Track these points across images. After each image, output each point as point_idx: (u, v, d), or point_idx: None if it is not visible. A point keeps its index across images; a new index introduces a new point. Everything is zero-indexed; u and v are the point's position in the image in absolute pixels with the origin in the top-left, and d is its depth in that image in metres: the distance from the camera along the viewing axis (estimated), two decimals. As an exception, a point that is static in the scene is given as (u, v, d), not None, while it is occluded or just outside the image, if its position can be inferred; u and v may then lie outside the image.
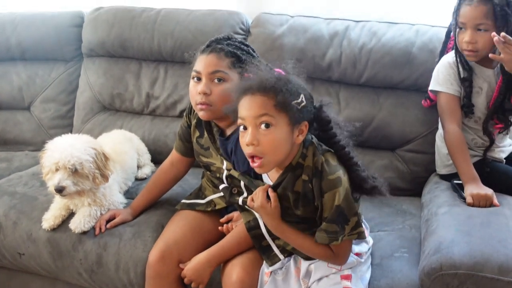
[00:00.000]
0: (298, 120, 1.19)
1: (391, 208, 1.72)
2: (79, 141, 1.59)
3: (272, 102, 1.16)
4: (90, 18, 2.23)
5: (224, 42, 1.46)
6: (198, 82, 1.44)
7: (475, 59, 1.55)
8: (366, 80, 1.86)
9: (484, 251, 1.20)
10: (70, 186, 1.52)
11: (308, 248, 1.27)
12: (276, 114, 1.16)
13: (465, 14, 1.50)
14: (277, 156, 1.19)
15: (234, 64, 1.42)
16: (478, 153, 1.63)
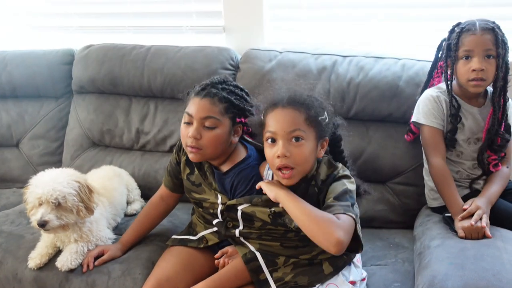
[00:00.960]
0: (322, 136, 1.31)
1: (384, 241, 1.71)
2: (62, 175, 1.59)
3: (303, 116, 1.25)
4: (81, 55, 2.24)
5: (219, 86, 1.46)
6: (190, 125, 1.44)
7: (482, 89, 1.57)
8: (355, 113, 1.87)
9: (479, 285, 1.19)
10: (53, 220, 1.50)
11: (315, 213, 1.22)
12: (307, 128, 1.25)
13: (472, 42, 1.51)
14: (306, 167, 1.29)
15: (227, 109, 1.43)
16: (464, 184, 1.63)
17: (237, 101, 1.45)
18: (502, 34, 1.51)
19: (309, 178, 1.32)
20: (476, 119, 1.60)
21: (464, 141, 1.62)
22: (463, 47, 1.53)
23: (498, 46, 1.49)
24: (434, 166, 1.59)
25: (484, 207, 1.47)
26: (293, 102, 1.25)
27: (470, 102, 1.61)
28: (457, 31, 1.55)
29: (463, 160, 1.63)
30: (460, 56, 1.55)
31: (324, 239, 1.18)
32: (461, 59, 1.55)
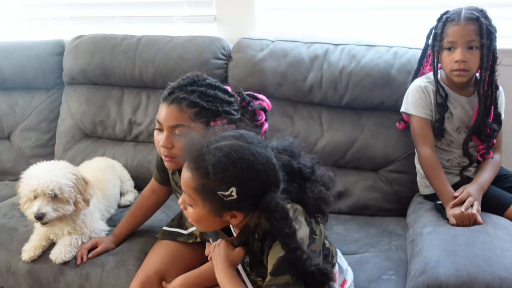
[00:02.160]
0: (226, 209, 1.07)
1: (377, 228, 1.72)
2: (57, 166, 1.58)
3: (193, 183, 1.06)
4: (71, 46, 2.22)
5: (188, 88, 1.33)
6: (161, 132, 1.36)
7: (466, 79, 1.56)
8: (347, 102, 1.87)
9: (470, 271, 1.20)
10: (51, 212, 1.50)
11: None
12: (195, 196, 1.07)
13: (455, 33, 1.51)
14: (204, 226, 1.15)
15: (197, 115, 1.31)
16: (455, 172, 1.64)
17: (209, 104, 1.32)
18: (487, 23, 1.49)
19: (252, 229, 1.12)
20: (465, 108, 1.60)
21: (454, 130, 1.62)
22: (446, 37, 1.53)
23: (482, 36, 1.48)
24: (422, 156, 1.60)
25: (476, 194, 1.48)
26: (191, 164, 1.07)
27: (458, 91, 1.61)
28: (442, 21, 1.55)
29: (453, 148, 1.63)
30: (444, 46, 1.55)
31: None
32: (445, 49, 1.55)
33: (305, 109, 1.93)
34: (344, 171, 1.87)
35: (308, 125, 1.90)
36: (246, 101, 1.43)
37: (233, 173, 1.02)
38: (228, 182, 1.02)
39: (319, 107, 1.93)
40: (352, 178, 1.86)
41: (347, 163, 1.87)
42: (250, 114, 1.43)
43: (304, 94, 1.91)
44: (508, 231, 1.39)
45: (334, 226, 1.74)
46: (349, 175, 1.86)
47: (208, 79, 1.39)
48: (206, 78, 1.39)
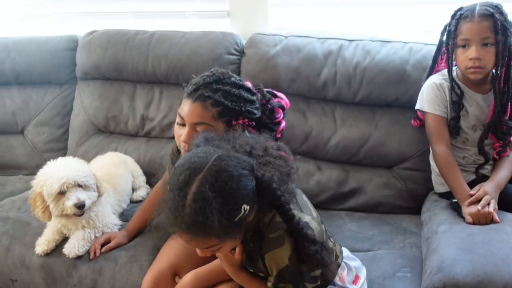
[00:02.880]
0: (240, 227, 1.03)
1: (391, 226, 1.70)
2: (71, 160, 1.62)
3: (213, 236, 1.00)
4: (84, 41, 2.23)
5: (213, 86, 1.33)
6: (182, 127, 1.36)
7: (481, 76, 1.53)
8: (361, 98, 1.85)
9: (488, 270, 1.18)
10: (87, 199, 1.52)
11: None
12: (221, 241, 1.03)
13: (469, 31, 1.49)
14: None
15: (221, 114, 1.32)
16: (471, 170, 1.62)
17: (233, 104, 1.32)
18: (503, 19, 1.46)
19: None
20: (481, 106, 1.58)
21: (469, 128, 1.60)
22: (460, 35, 1.51)
23: (497, 32, 1.45)
24: (438, 154, 1.58)
25: (492, 192, 1.46)
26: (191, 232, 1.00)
27: (474, 88, 1.58)
28: (456, 18, 1.53)
29: (468, 146, 1.61)
30: (458, 44, 1.52)
31: None
32: (459, 47, 1.52)
33: (318, 105, 1.91)
34: (357, 168, 1.86)
35: (321, 121, 1.89)
36: (266, 99, 1.43)
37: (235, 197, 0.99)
38: (236, 207, 0.99)
39: (332, 103, 1.91)
40: (366, 176, 1.84)
41: (360, 160, 1.85)
42: (269, 111, 1.42)
43: (318, 90, 1.89)
44: (525, 230, 1.37)
45: (348, 223, 1.73)
46: (363, 172, 1.85)
47: (233, 77, 1.38)
48: (231, 76, 1.38)
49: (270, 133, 1.39)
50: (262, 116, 1.40)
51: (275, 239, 1.08)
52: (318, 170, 1.88)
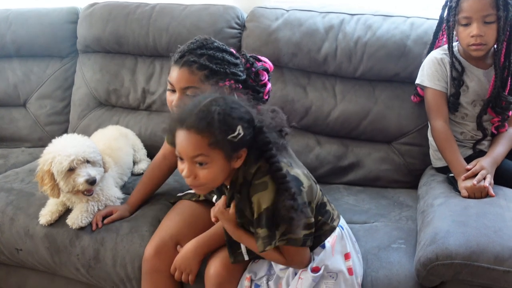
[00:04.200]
0: (235, 150, 1.16)
1: (388, 200, 1.73)
2: (76, 137, 1.62)
3: (206, 141, 1.13)
4: (85, 14, 2.22)
5: (198, 51, 1.40)
6: (173, 92, 1.43)
7: (483, 52, 1.54)
8: (362, 73, 1.86)
9: (480, 241, 1.21)
10: (97, 175, 1.54)
11: (263, 255, 1.25)
12: (211, 152, 1.14)
13: (470, 8, 1.48)
14: (215, 183, 1.22)
15: (207, 77, 1.38)
16: (468, 145, 1.64)
17: (218, 66, 1.38)
18: None
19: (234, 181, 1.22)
20: (481, 81, 1.58)
21: (469, 104, 1.61)
22: (461, 13, 1.50)
23: (499, 8, 1.45)
24: (436, 129, 1.59)
25: (489, 167, 1.48)
26: (195, 126, 1.13)
27: (476, 64, 1.59)
28: None
29: (467, 121, 1.63)
30: (459, 21, 1.52)
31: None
32: (460, 25, 1.52)
33: (319, 80, 1.92)
34: (356, 142, 1.88)
35: (321, 96, 1.89)
36: (250, 63, 1.49)
37: (234, 115, 1.14)
38: (233, 124, 1.13)
39: (333, 78, 1.92)
40: (365, 150, 1.86)
41: (360, 135, 1.87)
42: (254, 74, 1.49)
43: (318, 65, 1.89)
44: (520, 204, 1.39)
45: (345, 196, 1.76)
46: (362, 147, 1.87)
47: (215, 42, 1.45)
48: (214, 41, 1.44)
49: (257, 94, 1.46)
50: (248, 79, 1.46)
51: (260, 184, 1.17)
52: (317, 144, 1.90)
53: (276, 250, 1.23)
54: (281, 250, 1.23)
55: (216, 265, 1.39)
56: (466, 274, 1.20)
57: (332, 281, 1.26)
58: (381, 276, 1.34)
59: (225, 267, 1.38)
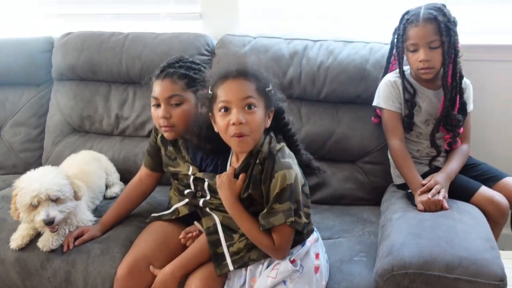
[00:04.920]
0: (269, 106, 1.38)
1: (353, 216, 1.79)
2: (49, 170, 1.63)
3: (254, 86, 1.33)
4: (60, 43, 2.28)
5: (176, 64, 1.56)
6: (158, 107, 1.53)
7: (432, 75, 1.64)
8: (325, 96, 1.94)
9: (432, 251, 1.28)
10: (59, 215, 1.55)
11: (254, 234, 1.35)
12: (257, 96, 1.33)
13: (416, 35, 1.59)
14: (258, 134, 1.36)
15: (188, 84, 1.54)
16: (425, 162, 1.72)
17: (196, 75, 1.55)
18: (446, 20, 1.57)
19: (255, 154, 1.37)
20: (432, 101, 1.68)
21: (422, 123, 1.70)
22: (409, 40, 1.61)
23: (442, 34, 1.56)
24: (393, 147, 1.68)
25: (443, 182, 1.56)
26: (243, 74, 1.33)
27: (426, 85, 1.69)
28: (403, 22, 1.63)
29: (422, 140, 1.71)
30: (408, 47, 1.63)
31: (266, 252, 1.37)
32: (409, 50, 1.63)
33: (285, 103, 2.00)
34: (322, 162, 1.91)
35: (288, 118, 1.97)
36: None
37: (266, 75, 1.38)
38: (267, 79, 1.37)
39: (298, 101, 2.00)
40: (330, 170, 1.87)
41: (325, 155, 1.94)
42: None
43: (284, 89, 1.91)
44: (472, 216, 1.47)
45: (312, 215, 1.79)
46: (327, 167, 1.87)
47: (190, 58, 1.64)
48: (189, 57, 1.64)
49: None
50: None
51: (285, 163, 1.32)
52: (285, 165, 1.96)
53: (268, 236, 1.33)
54: (276, 234, 1.32)
55: (196, 283, 1.42)
56: (420, 282, 1.26)
57: (297, 275, 1.35)
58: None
59: (204, 284, 1.42)
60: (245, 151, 1.38)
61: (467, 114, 1.69)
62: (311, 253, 1.40)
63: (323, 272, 1.40)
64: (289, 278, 1.35)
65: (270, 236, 1.34)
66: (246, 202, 1.40)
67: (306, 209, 1.38)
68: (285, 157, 1.34)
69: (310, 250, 1.40)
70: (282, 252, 1.35)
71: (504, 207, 1.54)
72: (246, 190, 1.37)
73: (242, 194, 1.38)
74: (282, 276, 1.34)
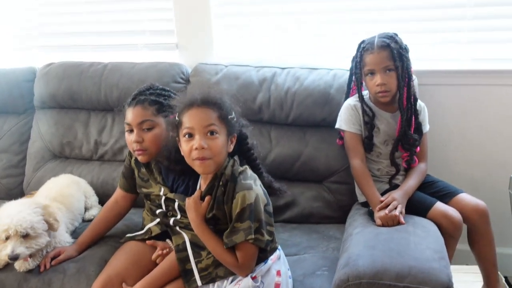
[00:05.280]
0: (231, 132, 1.48)
1: (319, 234, 1.88)
2: (24, 205, 1.67)
3: (216, 114, 1.43)
4: (42, 73, 2.38)
5: (147, 92, 1.68)
6: (131, 132, 1.64)
7: (389, 98, 1.76)
8: (293, 119, 2.05)
9: (385, 262, 1.36)
10: (24, 252, 1.60)
11: (218, 252, 1.44)
12: (219, 124, 1.43)
13: (372, 61, 1.72)
14: (220, 158, 1.45)
15: (158, 110, 1.64)
16: (385, 180, 1.82)
17: (166, 100, 1.65)
18: (398, 47, 1.70)
19: (219, 176, 1.46)
20: (390, 123, 1.80)
21: (381, 143, 1.81)
22: (366, 66, 1.74)
23: (395, 59, 1.69)
24: (354, 167, 1.79)
25: (400, 198, 1.66)
26: (206, 102, 1.43)
27: (384, 108, 1.81)
28: (360, 50, 1.76)
29: (381, 159, 1.82)
30: (365, 72, 1.75)
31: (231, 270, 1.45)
32: (366, 75, 1.75)
33: (256, 126, 2.07)
34: (291, 183, 2.04)
35: (259, 141, 2.00)
36: None
37: (229, 104, 1.48)
38: (230, 108, 1.47)
39: (268, 125, 2.11)
40: (299, 189, 2.02)
41: (294, 176, 2.04)
42: None
43: (254, 113, 2.09)
44: (425, 229, 1.56)
45: (280, 233, 1.89)
46: (296, 187, 2.03)
47: (160, 85, 1.75)
48: (159, 85, 1.75)
49: None
50: None
51: (246, 184, 1.42)
52: (256, 186, 2.05)
53: (232, 253, 1.41)
54: (240, 252, 1.40)
55: None
56: (373, 291, 1.34)
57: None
58: (305, 301, 1.48)
59: None
60: (207, 172, 1.47)
61: (423, 134, 1.81)
62: (273, 270, 1.47)
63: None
64: None
65: (234, 254, 1.41)
66: (212, 222, 1.48)
67: (269, 227, 1.47)
68: (247, 179, 1.44)
69: (271, 267, 1.47)
70: (245, 269, 1.42)
71: (457, 221, 1.63)
72: (211, 211, 1.46)
73: (207, 214, 1.47)
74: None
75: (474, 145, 2.21)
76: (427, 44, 2.16)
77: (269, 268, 1.46)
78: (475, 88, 2.16)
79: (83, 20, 2.56)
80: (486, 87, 2.15)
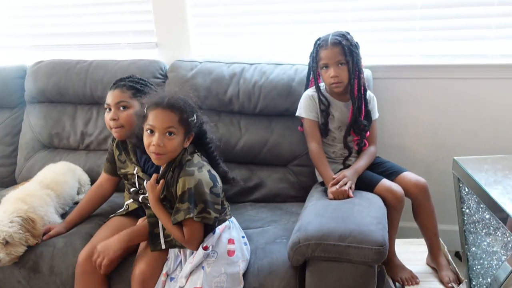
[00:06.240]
0: (189, 132, 1.66)
1: (282, 210, 2.10)
2: (5, 214, 1.78)
3: (177, 117, 1.60)
4: (32, 70, 2.58)
5: (126, 79, 1.92)
6: (109, 112, 1.85)
7: (341, 89, 1.98)
8: (260, 110, 2.27)
9: (330, 226, 1.59)
10: (5, 257, 1.76)
11: (169, 227, 1.66)
12: (178, 126, 1.61)
13: (326, 56, 1.94)
14: (174, 154, 1.65)
15: (135, 94, 1.86)
16: (339, 161, 2.05)
17: (142, 87, 1.89)
18: (349, 44, 1.92)
19: (171, 163, 1.66)
20: (343, 111, 2.03)
21: (336, 129, 2.04)
22: (321, 60, 1.96)
23: (346, 55, 1.91)
24: (311, 150, 2.01)
25: (350, 176, 1.89)
26: (171, 106, 1.60)
27: (338, 98, 2.03)
28: (316, 46, 1.98)
29: (336, 143, 2.05)
30: (320, 66, 1.97)
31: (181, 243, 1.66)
32: (321, 68, 1.97)
33: (227, 117, 2.32)
34: (259, 167, 2.26)
35: (229, 130, 2.29)
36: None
37: (192, 106, 1.65)
38: (192, 111, 1.64)
39: (238, 115, 2.32)
40: (266, 172, 2.24)
41: (261, 160, 2.26)
42: None
43: (226, 105, 2.30)
44: (369, 201, 1.79)
45: (249, 211, 2.11)
46: (264, 170, 2.25)
47: (139, 76, 1.97)
48: (138, 76, 1.98)
49: None
50: None
51: (189, 171, 1.61)
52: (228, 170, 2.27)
53: (180, 229, 1.61)
54: (185, 228, 1.60)
55: (140, 266, 1.71)
56: (320, 251, 1.56)
57: (213, 259, 1.63)
58: (265, 263, 1.70)
59: (148, 267, 1.71)
60: (160, 164, 1.69)
61: (372, 121, 2.04)
62: (223, 239, 1.66)
63: (239, 254, 1.68)
64: (206, 263, 1.62)
65: (182, 230, 1.63)
66: (167, 201, 1.70)
67: (217, 206, 1.65)
68: (191, 166, 1.63)
69: (222, 236, 1.67)
70: (191, 243, 1.63)
71: (399, 195, 1.85)
72: (163, 192, 1.68)
73: (161, 195, 1.68)
74: (197, 261, 1.62)
75: (427, 132, 2.45)
76: (382, 41, 2.40)
77: (218, 237, 1.66)
78: (426, 81, 2.40)
79: (71, 22, 2.76)
80: (436, 80, 2.39)
